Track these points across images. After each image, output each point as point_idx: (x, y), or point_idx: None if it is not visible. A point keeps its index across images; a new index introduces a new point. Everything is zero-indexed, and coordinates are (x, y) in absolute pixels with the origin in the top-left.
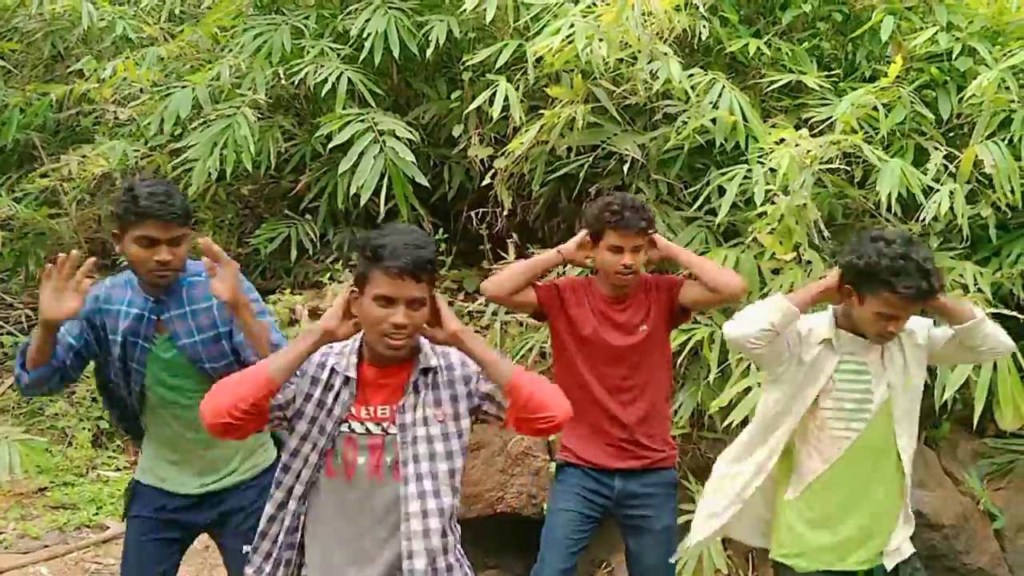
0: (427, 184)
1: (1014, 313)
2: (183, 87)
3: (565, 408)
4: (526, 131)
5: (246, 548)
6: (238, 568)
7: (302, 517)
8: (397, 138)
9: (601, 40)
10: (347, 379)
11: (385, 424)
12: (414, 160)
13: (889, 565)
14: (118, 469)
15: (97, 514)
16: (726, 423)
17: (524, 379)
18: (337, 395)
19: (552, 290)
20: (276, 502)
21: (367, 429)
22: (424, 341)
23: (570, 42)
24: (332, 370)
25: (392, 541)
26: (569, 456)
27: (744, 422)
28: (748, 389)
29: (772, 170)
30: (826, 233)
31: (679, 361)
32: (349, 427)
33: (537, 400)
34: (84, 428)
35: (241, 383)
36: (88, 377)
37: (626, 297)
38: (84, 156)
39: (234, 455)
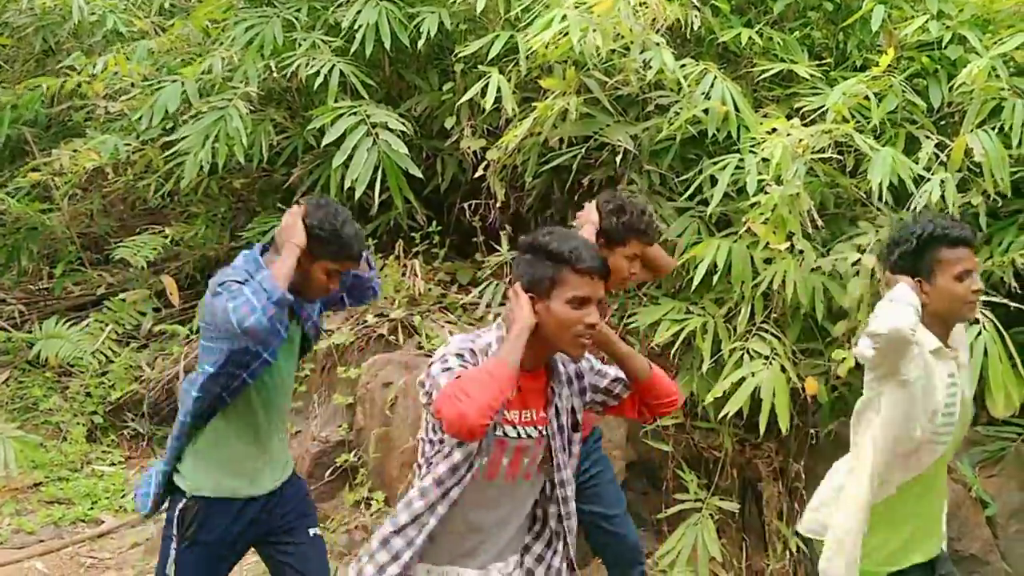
0: (421, 176)
1: (1004, 300)
2: (173, 81)
3: (678, 390)
4: (519, 124)
5: (313, 531)
6: (320, 555)
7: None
8: (390, 130)
9: (595, 31)
10: None
11: (540, 427)
12: (407, 151)
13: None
14: (112, 464)
15: (92, 509)
16: (722, 414)
17: (655, 368)
18: None
19: None
20: (429, 503)
21: (519, 434)
22: None
23: (564, 35)
24: None
25: (521, 535)
26: None
27: (739, 413)
28: (742, 380)
29: (765, 159)
30: (819, 222)
31: (672, 351)
32: (503, 432)
33: (666, 385)
34: (78, 423)
35: (491, 381)
36: (81, 372)
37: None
38: (75, 150)
39: (283, 444)
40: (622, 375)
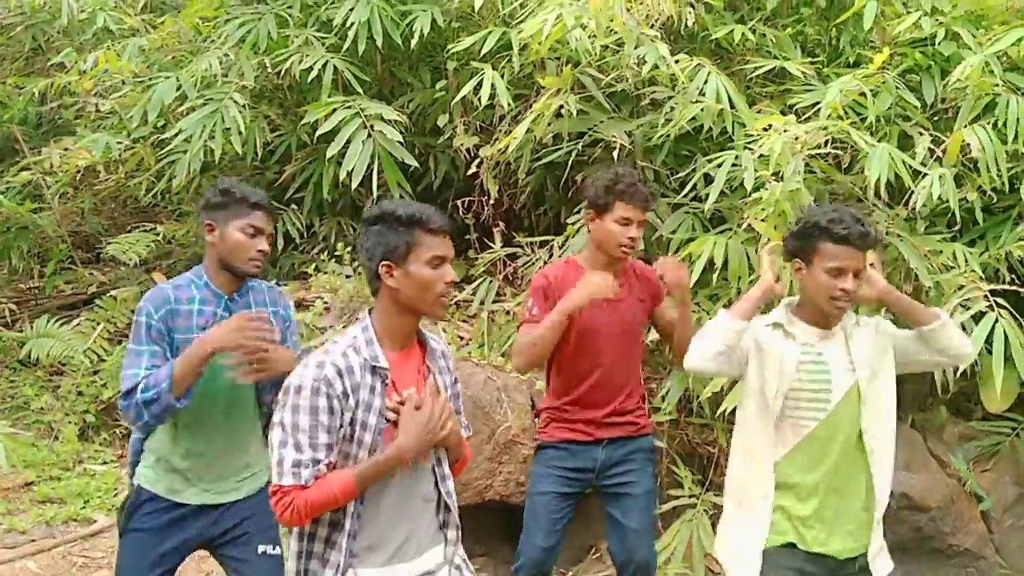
0: (417, 165)
1: (1005, 286)
2: (167, 78)
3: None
4: (513, 122)
5: (263, 548)
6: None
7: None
8: (385, 121)
9: (590, 20)
10: (375, 369)
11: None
12: (402, 141)
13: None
14: (105, 463)
15: (84, 508)
16: (720, 410)
17: None
18: (372, 389)
19: (547, 288)
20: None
21: None
22: None
23: (559, 20)
24: (361, 367)
25: (430, 522)
26: (549, 437)
27: (734, 409)
28: None
29: (761, 156)
30: None
31: (668, 348)
32: (387, 419)
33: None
34: (70, 422)
35: (330, 501)
36: (73, 371)
37: (616, 274)
38: (66, 149)
39: (238, 465)
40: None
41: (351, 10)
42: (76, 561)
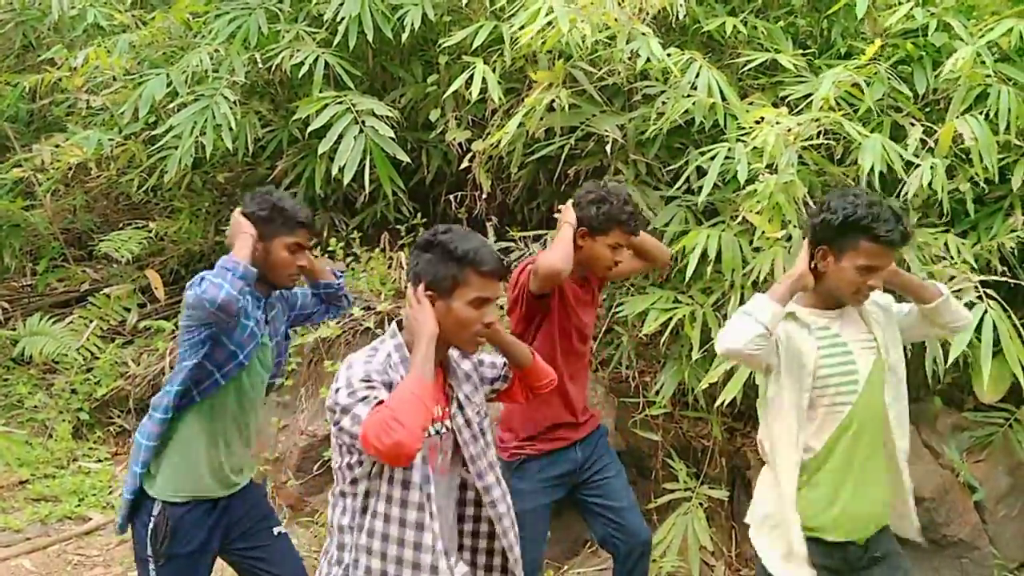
0: (409, 160)
1: (996, 278)
2: (158, 74)
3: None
4: (506, 116)
5: (278, 529)
6: (288, 550)
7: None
8: (377, 117)
9: (583, 21)
10: None
11: (445, 422)
12: (394, 136)
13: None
14: (99, 461)
15: (79, 506)
16: (717, 403)
17: (535, 354)
18: None
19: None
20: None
21: (436, 431)
22: None
23: (551, 25)
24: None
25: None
26: (533, 450)
27: (732, 402)
28: (734, 369)
29: (754, 148)
30: (813, 209)
31: (661, 340)
32: (428, 434)
33: (544, 368)
34: (64, 420)
35: (417, 402)
36: (67, 369)
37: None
38: (57, 146)
39: (246, 451)
40: (507, 362)
41: (341, 4)
42: (71, 559)
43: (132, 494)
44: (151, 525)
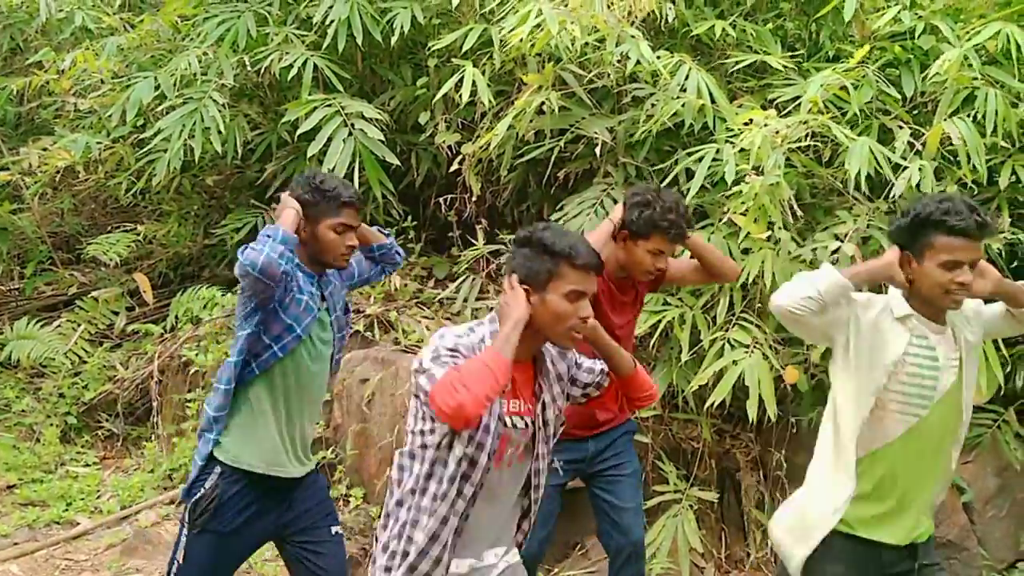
0: (399, 163)
1: None
2: (146, 77)
3: (655, 384)
4: (495, 119)
5: (335, 529)
6: (340, 554)
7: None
8: (366, 119)
9: (572, 24)
10: None
11: (526, 419)
12: (383, 139)
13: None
14: (87, 465)
15: (67, 510)
16: (707, 405)
17: (637, 364)
18: None
19: None
20: (451, 506)
21: (506, 423)
22: None
23: (540, 28)
24: None
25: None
26: None
27: (722, 404)
28: (724, 370)
29: (742, 150)
30: (798, 212)
31: (651, 342)
32: (505, 424)
33: (646, 379)
34: (52, 424)
35: (488, 372)
36: (54, 372)
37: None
38: (45, 149)
39: (309, 436)
40: (606, 369)
41: (331, 7)
42: (59, 564)
43: (202, 459)
44: (200, 494)
